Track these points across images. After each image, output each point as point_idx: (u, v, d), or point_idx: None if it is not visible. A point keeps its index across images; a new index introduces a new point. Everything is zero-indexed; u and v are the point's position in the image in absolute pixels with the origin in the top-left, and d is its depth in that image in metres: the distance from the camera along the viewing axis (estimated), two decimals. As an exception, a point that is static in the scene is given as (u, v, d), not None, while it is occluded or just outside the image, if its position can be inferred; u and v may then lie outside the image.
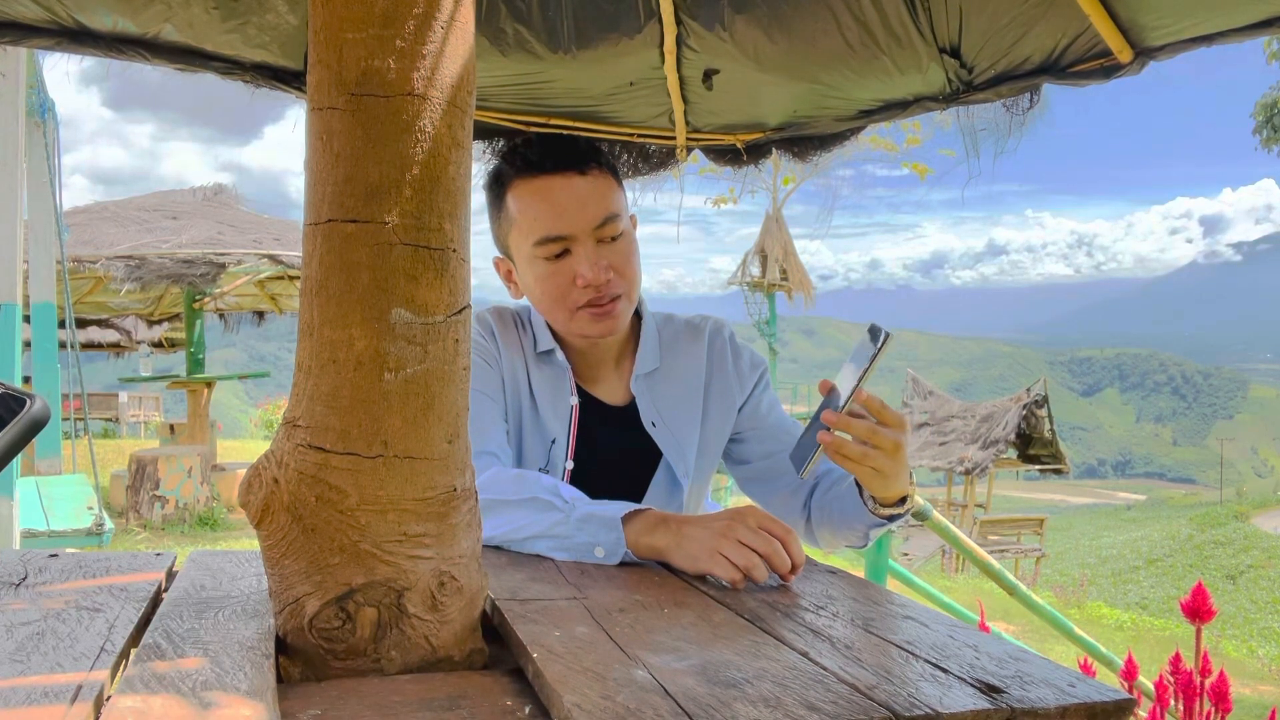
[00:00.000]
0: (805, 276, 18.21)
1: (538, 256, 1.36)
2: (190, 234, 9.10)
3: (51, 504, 5.15)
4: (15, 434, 0.73)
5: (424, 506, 0.81)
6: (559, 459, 1.45)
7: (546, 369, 1.47)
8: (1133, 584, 20.32)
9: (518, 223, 1.37)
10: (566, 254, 1.35)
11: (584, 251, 1.34)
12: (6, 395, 0.74)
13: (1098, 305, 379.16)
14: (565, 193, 1.34)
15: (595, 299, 1.35)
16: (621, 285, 1.37)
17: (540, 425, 1.44)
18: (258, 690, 0.69)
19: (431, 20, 0.78)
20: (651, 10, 2.18)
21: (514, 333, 1.48)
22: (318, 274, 0.79)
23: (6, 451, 0.72)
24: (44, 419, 0.74)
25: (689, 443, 1.50)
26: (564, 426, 1.45)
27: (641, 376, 1.48)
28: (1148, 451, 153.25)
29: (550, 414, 1.45)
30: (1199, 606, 1.72)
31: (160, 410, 19.59)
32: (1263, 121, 19.10)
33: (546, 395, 1.45)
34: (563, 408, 1.45)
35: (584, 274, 1.33)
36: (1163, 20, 1.81)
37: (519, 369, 1.46)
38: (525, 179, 1.36)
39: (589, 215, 1.34)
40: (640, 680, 0.73)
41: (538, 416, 1.45)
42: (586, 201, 1.34)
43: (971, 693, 0.73)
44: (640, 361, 1.48)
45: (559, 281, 1.35)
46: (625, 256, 1.38)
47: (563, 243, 1.34)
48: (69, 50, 1.97)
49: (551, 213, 1.33)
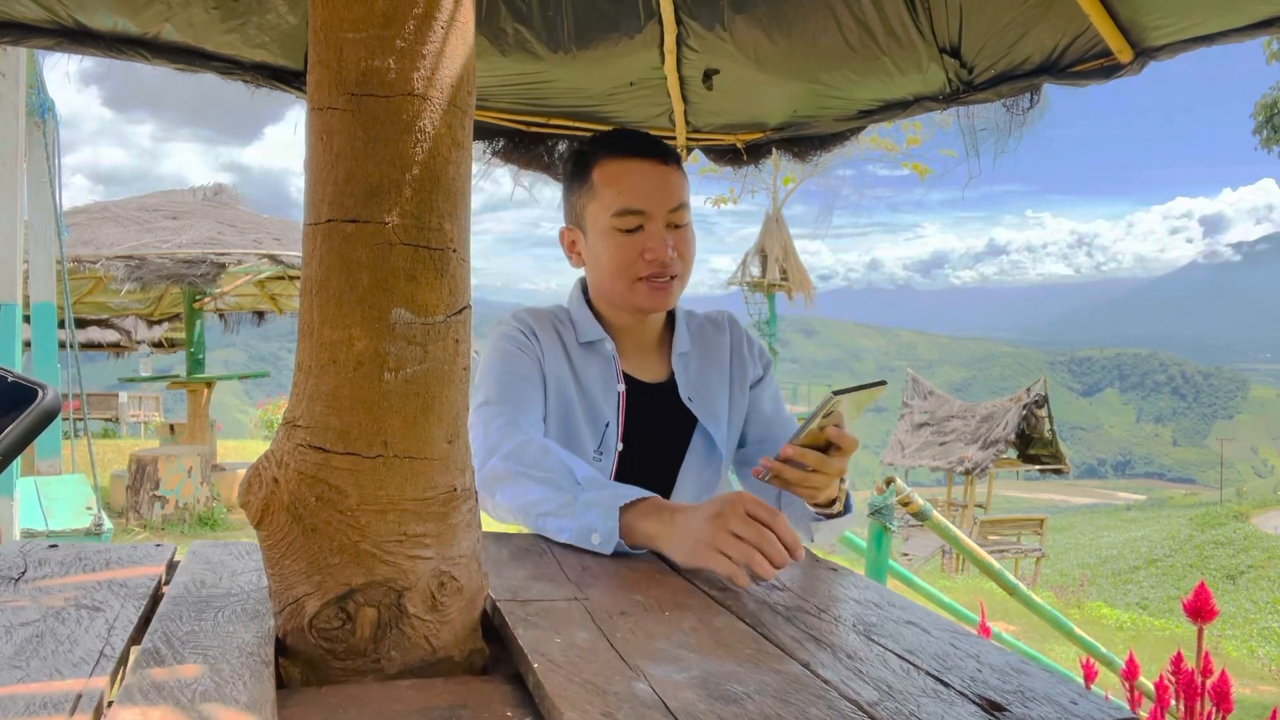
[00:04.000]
0: (805, 276, 18.21)
1: (613, 227, 1.50)
2: (190, 234, 9.09)
3: (51, 504, 5.15)
4: (28, 425, 0.72)
5: (424, 506, 0.81)
6: (611, 442, 1.57)
7: (593, 358, 1.58)
8: (1133, 584, 20.32)
9: (600, 195, 1.51)
10: (639, 230, 1.49)
11: (655, 229, 1.49)
12: (18, 385, 0.73)
13: (1098, 305, 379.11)
14: (648, 175, 1.49)
15: (656, 273, 1.49)
16: (679, 267, 1.51)
17: (591, 411, 1.56)
18: (257, 702, 0.69)
19: (431, 20, 0.78)
20: (651, 10, 2.17)
21: (552, 331, 1.58)
22: (318, 274, 0.79)
23: (18, 442, 0.71)
24: (55, 410, 0.73)
25: (720, 414, 1.64)
26: (614, 411, 1.56)
27: (679, 355, 1.63)
28: (1148, 451, 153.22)
29: (600, 400, 1.56)
30: (1201, 606, 1.71)
31: (160, 410, 19.58)
32: (1263, 121, 19.10)
33: (595, 383, 1.57)
34: (611, 394, 1.57)
35: (653, 248, 1.48)
36: (1163, 20, 1.81)
37: (561, 364, 1.56)
38: (614, 158, 1.51)
39: (665, 198, 1.49)
40: (641, 695, 0.73)
41: (588, 404, 1.56)
42: (665, 186, 1.49)
43: (974, 710, 0.72)
44: (677, 343, 1.63)
45: (628, 253, 1.50)
46: (686, 243, 1.53)
47: (638, 218, 1.49)
48: (69, 50, 1.97)
49: (634, 189, 1.49)
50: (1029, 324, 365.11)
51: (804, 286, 18.12)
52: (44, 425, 0.73)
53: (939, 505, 16.09)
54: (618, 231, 1.49)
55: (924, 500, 3.38)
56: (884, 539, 3.27)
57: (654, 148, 1.51)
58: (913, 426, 22.36)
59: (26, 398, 0.72)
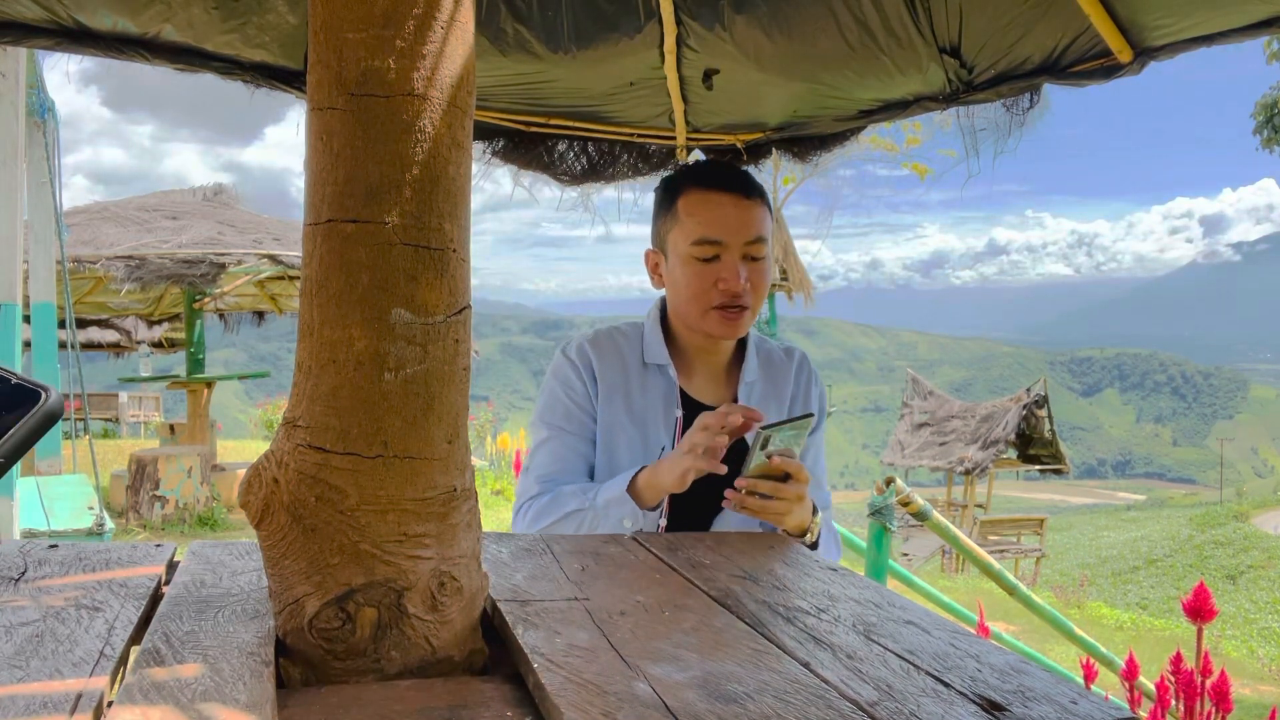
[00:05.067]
0: (805, 276, 18.18)
1: (692, 255, 1.56)
2: (190, 234, 9.08)
3: (52, 504, 5.15)
4: (31, 427, 0.72)
5: (424, 506, 0.81)
6: None
7: (655, 380, 1.65)
8: (1133, 584, 20.30)
9: (682, 223, 1.58)
10: (716, 260, 1.56)
11: (731, 260, 1.55)
12: (21, 387, 0.73)
13: (1098, 305, 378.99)
14: (729, 208, 1.56)
15: (728, 303, 1.56)
16: (751, 298, 1.57)
17: (646, 434, 1.63)
18: (257, 702, 0.69)
19: (431, 20, 0.78)
20: (651, 10, 2.17)
21: (616, 353, 1.66)
22: (318, 274, 0.79)
23: (21, 444, 0.71)
24: (58, 412, 0.73)
25: None
26: (670, 435, 1.63)
27: (746, 384, 1.68)
28: (1148, 451, 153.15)
29: (658, 424, 1.63)
30: (1201, 606, 1.71)
31: (160, 410, 19.56)
32: (1263, 121, 19.07)
33: (655, 405, 1.64)
34: (670, 418, 1.64)
35: (726, 278, 1.54)
36: (1163, 20, 1.81)
37: (619, 389, 1.64)
38: (700, 190, 1.58)
39: (743, 231, 1.55)
40: (641, 695, 0.73)
41: (644, 427, 1.63)
42: (744, 220, 1.56)
43: (973, 710, 0.72)
44: (746, 371, 1.69)
45: (704, 281, 1.56)
46: (761, 275, 1.58)
47: (716, 248, 1.55)
48: (69, 50, 1.97)
49: (714, 221, 1.55)
50: (1029, 324, 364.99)
51: (804, 286, 18.10)
52: (47, 427, 0.73)
53: (939, 505, 16.08)
54: (695, 260, 1.56)
55: (924, 500, 3.38)
56: (884, 539, 3.27)
57: (737, 182, 1.58)
58: (913, 426, 22.35)
59: (29, 400, 0.72)
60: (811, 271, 18.53)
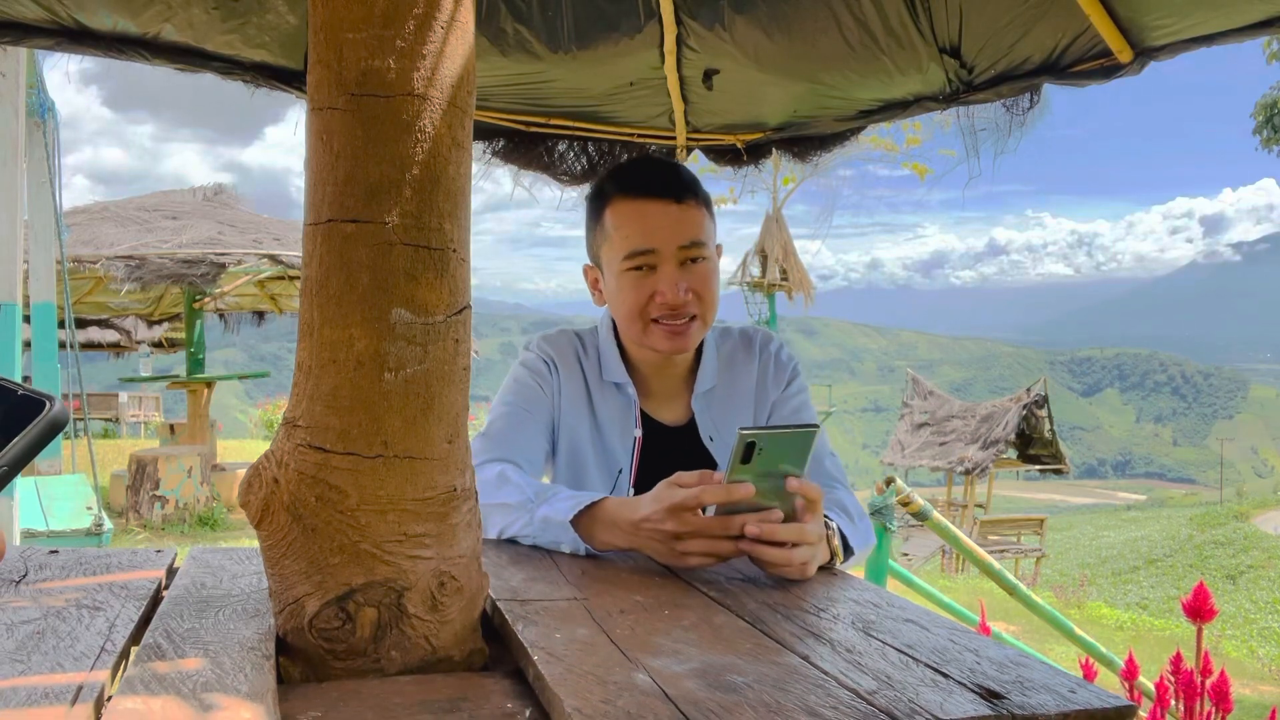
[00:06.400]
0: (805, 276, 18.20)
1: (625, 269, 1.46)
2: (190, 234, 9.09)
3: (51, 504, 5.15)
4: (35, 436, 0.73)
5: (424, 506, 0.81)
6: (623, 487, 1.54)
7: (613, 398, 1.55)
8: (1133, 584, 20.30)
9: (611, 237, 1.48)
10: (651, 270, 1.45)
11: (667, 270, 1.44)
12: (26, 397, 0.74)
13: (1098, 305, 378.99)
14: (658, 216, 1.44)
15: (671, 316, 1.45)
16: (698, 307, 1.46)
17: (605, 453, 1.54)
18: (258, 692, 0.69)
19: (431, 20, 0.78)
20: (651, 10, 2.18)
21: (574, 362, 1.56)
22: (318, 274, 0.79)
23: (25, 453, 0.72)
24: (63, 421, 0.74)
25: None
26: (628, 456, 1.54)
27: (700, 394, 1.57)
28: (1148, 451, 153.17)
29: (616, 443, 1.54)
30: (1200, 606, 1.72)
31: (160, 410, 19.57)
32: (1263, 121, 19.07)
33: (613, 424, 1.54)
34: (628, 439, 1.54)
35: (663, 290, 1.43)
36: (1163, 20, 1.81)
37: (579, 402, 1.54)
38: (625, 199, 1.47)
39: (676, 235, 1.44)
40: (641, 684, 0.73)
41: (603, 445, 1.54)
42: (676, 223, 1.44)
43: (972, 698, 0.73)
44: (700, 380, 1.57)
45: (640, 295, 1.45)
46: (704, 280, 1.46)
47: (649, 257, 1.44)
48: (69, 50, 1.97)
49: (642, 232, 1.44)
50: (1029, 324, 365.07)
51: (804, 286, 18.11)
52: (51, 436, 0.74)
53: (939, 505, 16.08)
54: (629, 273, 1.46)
55: (924, 500, 3.38)
56: (884, 539, 3.27)
57: (665, 184, 1.45)
58: (913, 426, 22.36)
59: (34, 409, 0.73)
60: (811, 271, 18.55)
